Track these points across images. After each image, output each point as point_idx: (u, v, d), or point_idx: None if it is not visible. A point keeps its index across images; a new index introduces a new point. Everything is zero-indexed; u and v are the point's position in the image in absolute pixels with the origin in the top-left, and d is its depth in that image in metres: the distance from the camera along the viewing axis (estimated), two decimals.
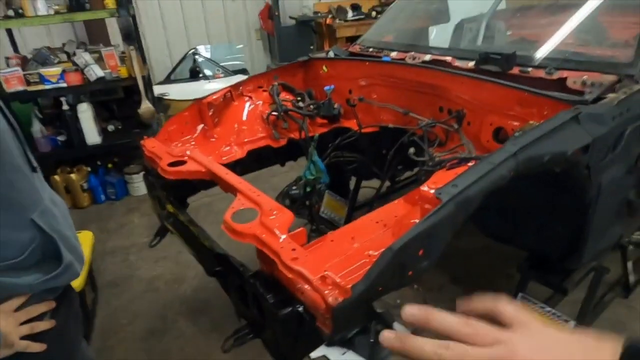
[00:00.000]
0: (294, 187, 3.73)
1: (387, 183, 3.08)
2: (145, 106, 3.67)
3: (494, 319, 0.54)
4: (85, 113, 3.62)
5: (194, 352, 2.30)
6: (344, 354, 2.29)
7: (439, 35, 2.87)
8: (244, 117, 2.32)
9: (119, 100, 4.27)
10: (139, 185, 3.89)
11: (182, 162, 1.79)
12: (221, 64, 5.71)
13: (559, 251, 1.78)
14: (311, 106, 2.38)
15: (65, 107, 3.58)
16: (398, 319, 2.39)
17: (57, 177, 3.78)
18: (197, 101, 2.24)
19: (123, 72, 3.61)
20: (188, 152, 1.84)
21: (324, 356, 2.27)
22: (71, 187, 3.82)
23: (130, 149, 3.86)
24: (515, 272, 2.03)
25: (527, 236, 1.85)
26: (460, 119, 1.89)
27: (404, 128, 2.03)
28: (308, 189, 2.42)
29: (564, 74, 1.72)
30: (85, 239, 2.54)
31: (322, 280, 1.03)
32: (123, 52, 3.70)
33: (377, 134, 2.35)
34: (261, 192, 1.46)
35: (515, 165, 1.22)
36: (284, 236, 1.23)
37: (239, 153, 2.16)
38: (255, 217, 1.34)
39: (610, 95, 1.51)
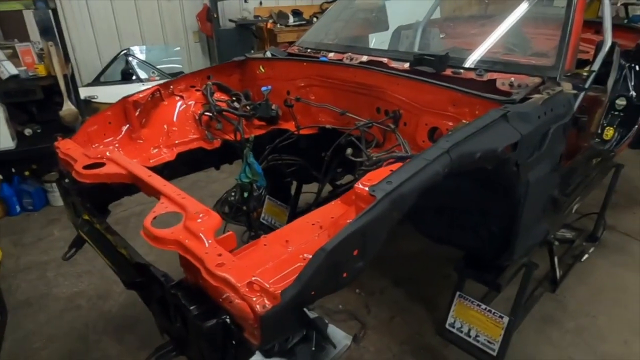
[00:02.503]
0: (232, 193, 3.60)
1: (329, 187, 3.05)
2: (68, 108, 3.38)
3: None
4: None
5: None
6: None
7: (378, 41, 2.91)
8: (175, 118, 2.17)
9: (39, 102, 3.89)
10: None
11: (101, 165, 1.62)
12: (157, 67, 5.44)
13: (493, 249, 1.81)
14: (248, 107, 2.28)
15: None
16: (338, 325, 2.31)
17: None
18: (122, 100, 2.06)
19: (41, 71, 3.30)
20: (108, 154, 1.67)
21: (327, 337, 2.16)
22: None
23: (51, 155, 3.51)
24: (453, 272, 2.05)
25: (463, 235, 1.88)
26: (396, 119, 1.88)
27: (341, 129, 1.99)
28: (245, 194, 2.32)
29: (494, 75, 1.77)
30: None
31: (249, 287, 0.94)
32: (42, 50, 3.39)
33: (317, 136, 2.30)
34: (187, 194, 1.35)
35: (449, 162, 1.21)
36: (210, 241, 1.13)
37: (167, 155, 2.01)
38: (180, 222, 1.23)
39: (536, 96, 1.56)
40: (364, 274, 1.15)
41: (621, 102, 2.44)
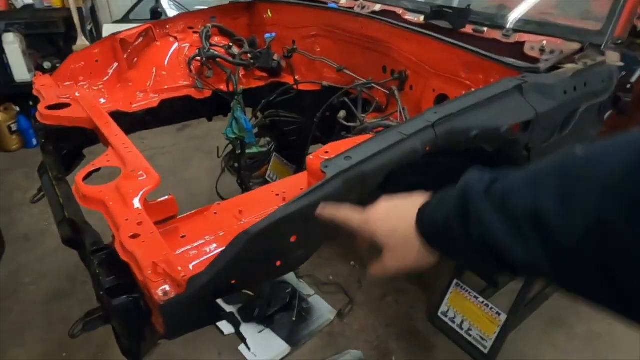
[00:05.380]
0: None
1: None
2: (82, 44, 3.28)
3: None
4: (12, 45, 3.21)
5: None
6: (260, 331, 2.11)
7: None
8: (166, 62, 2.00)
9: (65, 35, 3.83)
10: None
11: (66, 106, 1.50)
12: (187, 7, 5.24)
13: None
14: (249, 55, 2.08)
15: None
16: (325, 297, 2.16)
17: None
18: (110, 37, 1.91)
19: (56, 2, 3.19)
20: (77, 94, 1.54)
21: (240, 332, 2.08)
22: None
23: None
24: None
25: None
26: (402, 81, 1.63)
27: (339, 87, 1.76)
28: (238, 151, 2.17)
29: (523, 37, 1.47)
30: None
31: (153, 269, 0.80)
32: None
33: (321, 94, 2.08)
34: (135, 148, 1.20)
35: (433, 138, 0.98)
36: (138, 206, 0.98)
37: (153, 101, 1.86)
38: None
39: (567, 66, 1.26)
40: None
41: None
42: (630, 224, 0.39)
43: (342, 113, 1.58)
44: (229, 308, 2.09)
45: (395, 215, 0.66)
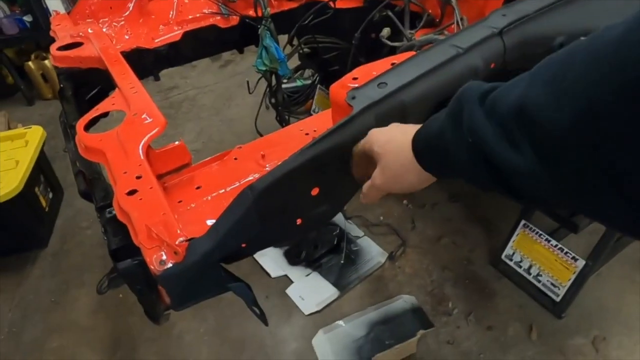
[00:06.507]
0: (284, 81, 3.22)
1: None
2: None
3: None
4: None
5: None
6: (307, 275, 2.04)
7: None
8: None
9: None
10: None
11: (79, 45, 1.37)
12: None
13: None
14: None
15: None
16: (374, 238, 2.00)
17: (31, 64, 3.46)
18: None
19: None
20: (90, 31, 1.40)
21: (286, 276, 2.02)
22: (48, 76, 3.50)
23: None
24: None
25: None
26: None
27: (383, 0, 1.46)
28: (274, 84, 1.98)
29: None
30: (32, 136, 2.27)
31: (148, 235, 0.67)
32: None
33: (362, 10, 1.78)
34: (143, 88, 1.05)
35: (500, 52, 0.73)
36: (141, 155, 0.85)
37: (175, 35, 1.69)
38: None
39: None
40: None
41: None
42: (624, 105, 0.32)
43: (386, 31, 1.32)
44: (274, 251, 2.03)
45: (397, 130, 0.62)
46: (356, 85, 0.71)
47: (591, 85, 0.35)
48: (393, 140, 0.60)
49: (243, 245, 0.69)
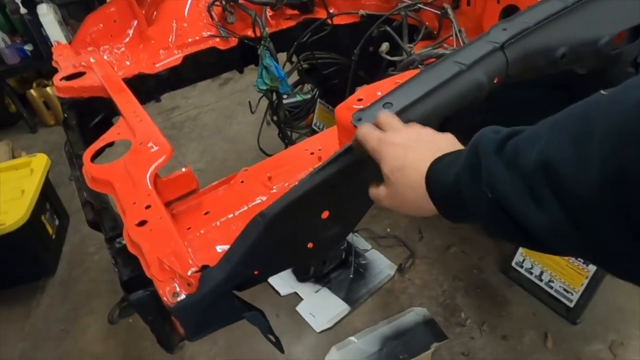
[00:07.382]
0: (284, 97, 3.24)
1: None
2: None
3: None
4: (47, 17, 3.16)
5: None
6: (317, 291, 2.03)
7: None
8: (186, 12, 1.82)
9: (100, 2, 3.74)
10: None
11: (81, 74, 1.38)
12: None
13: None
14: None
15: (22, 9, 3.13)
16: (382, 250, 1.99)
17: (33, 92, 3.49)
18: None
19: None
20: (92, 60, 1.42)
21: (295, 293, 2.01)
22: (51, 103, 3.54)
23: None
24: None
25: None
26: None
27: (380, 15, 1.48)
28: (275, 100, 1.99)
29: None
30: (37, 164, 2.28)
31: (160, 267, 0.67)
32: None
33: (359, 26, 1.80)
34: (147, 116, 1.05)
35: (503, 66, 0.73)
36: (149, 185, 0.85)
37: (176, 59, 1.71)
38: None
39: None
40: None
41: None
42: None
43: (385, 46, 1.32)
44: None
45: (411, 155, 0.58)
46: (361, 106, 0.71)
47: (618, 149, 0.35)
48: (404, 172, 0.57)
49: (256, 272, 0.68)
